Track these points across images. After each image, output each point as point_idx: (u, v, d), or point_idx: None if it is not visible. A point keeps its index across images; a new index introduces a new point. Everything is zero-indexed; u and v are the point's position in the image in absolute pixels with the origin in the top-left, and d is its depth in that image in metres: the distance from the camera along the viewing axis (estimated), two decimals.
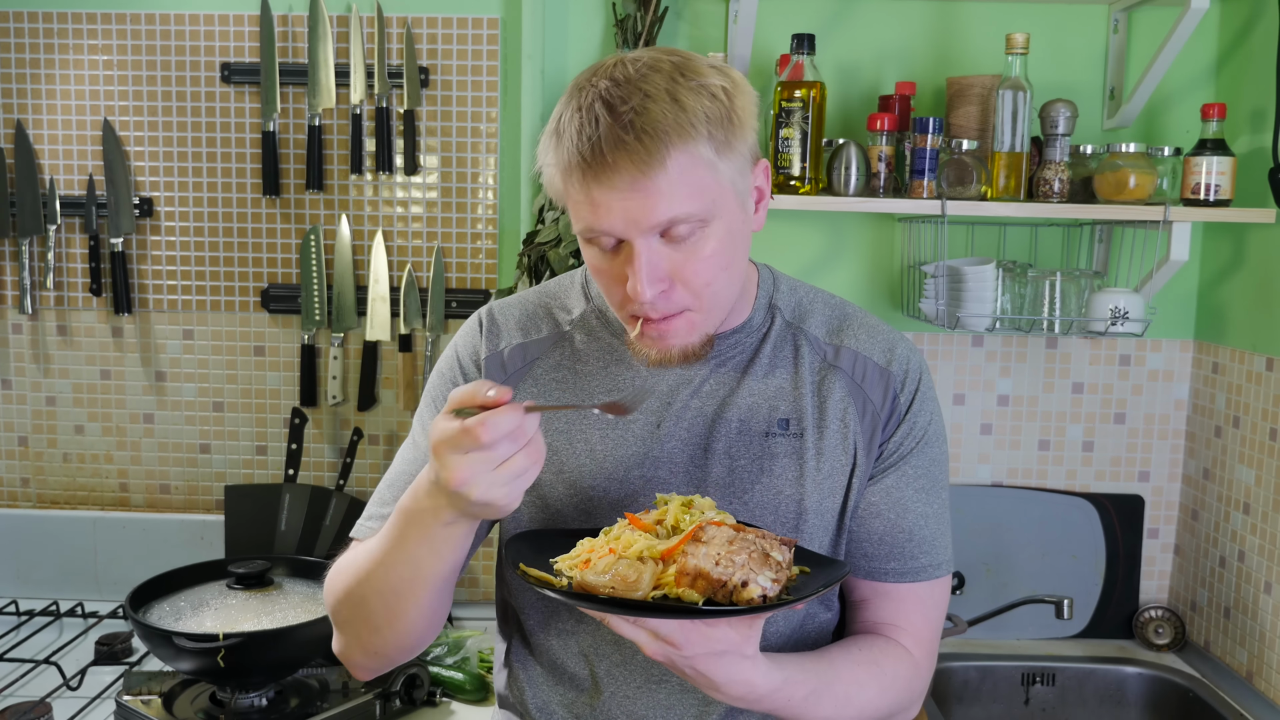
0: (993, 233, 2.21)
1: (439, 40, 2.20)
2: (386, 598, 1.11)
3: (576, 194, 1.06)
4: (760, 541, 1.00)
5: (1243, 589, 2.07)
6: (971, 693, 2.16)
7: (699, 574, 0.96)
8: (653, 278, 1.05)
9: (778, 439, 1.19)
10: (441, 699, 1.86)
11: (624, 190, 1.02)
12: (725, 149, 1.05)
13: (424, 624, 1.15)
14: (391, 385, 2.28)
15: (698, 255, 1.07)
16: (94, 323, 2.28)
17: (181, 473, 2.31)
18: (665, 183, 1.02)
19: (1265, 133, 1.99)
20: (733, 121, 1.06)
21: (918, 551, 1.22)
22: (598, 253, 1.10)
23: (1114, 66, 2.17)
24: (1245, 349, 2.08)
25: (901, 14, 2.17)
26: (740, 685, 1.00)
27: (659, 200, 1.03)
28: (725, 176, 1.06)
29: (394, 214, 2.24)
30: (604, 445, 1.20)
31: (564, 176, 1.06)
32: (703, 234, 1.06)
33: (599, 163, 1.02)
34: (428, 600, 1.12)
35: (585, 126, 1.02)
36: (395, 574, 1.09)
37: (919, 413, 1.23)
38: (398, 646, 1.18)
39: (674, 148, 1.02)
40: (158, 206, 2.25)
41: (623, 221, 1.04)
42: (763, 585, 0.96)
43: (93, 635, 2.07)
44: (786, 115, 1.92)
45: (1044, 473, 2.29)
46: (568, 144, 1.04)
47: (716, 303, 1.12)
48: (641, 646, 0.98)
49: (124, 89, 2.22)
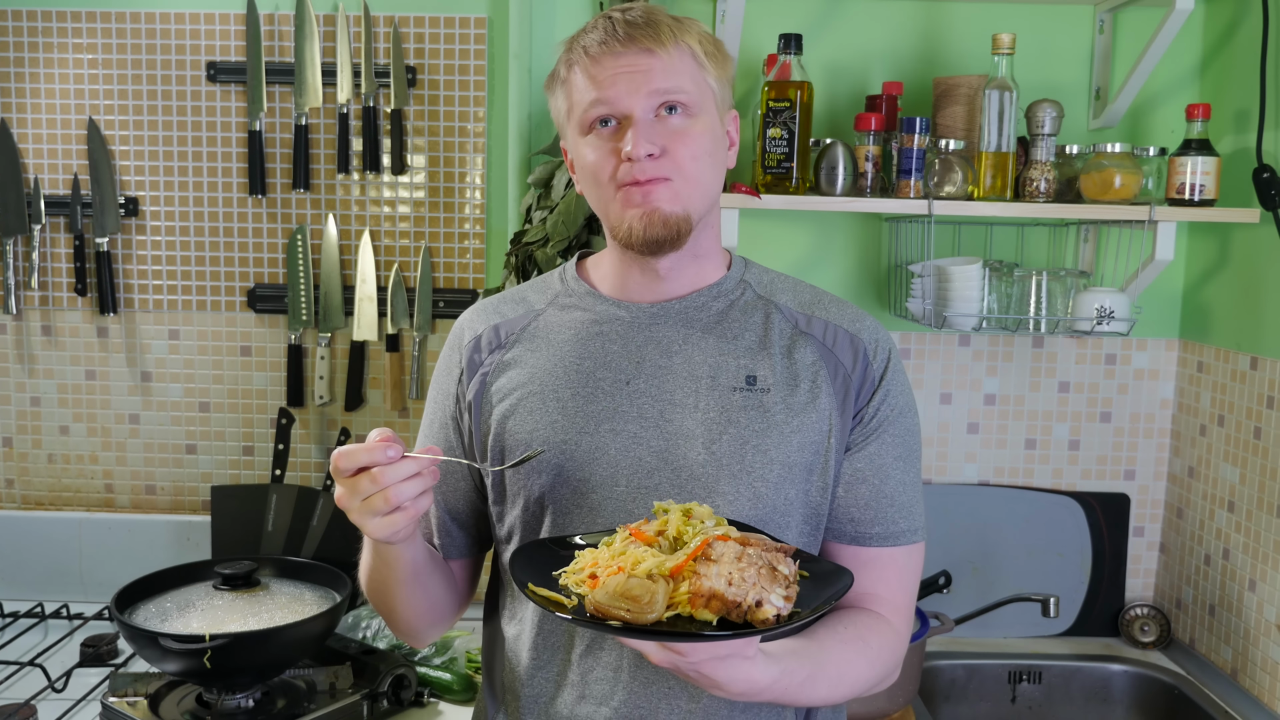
0: (979, 232, 2.21)
1: (426, 40, 2.19)
2: (383, 596, 1.28)
3: (591, 71, 1.20)
4: (766, 555, 1.02)
5: (1227, 586, 2.08)
6: (959, 691, 2.17)
7: (713, 595, 0.98)
8: (647, 137, 1.18)
9: (745, 394, 1.23)
10: (429, 699, 1.86)
11: (635, 56, 1.18)
12: (714, 63, 1.23)
13: (421, 612, 1.30)
14: (379, 385, 2.27)
15: (686, 133, 1.20)
16: (79, 323, 2.27)
17: (167, 473, 2.30)
18: (668, 59, 1.19)
19: (1249, 133, 2.00)
20: (719, 51, 1.24)
21: (898, 516, 1.27)
22: (594, 139, 1.21)
23: (1099, 67, 2.18)
24: (1230, 348, 2.09)
25: (888, 14, 2.17)
26: (742, 683, 1.04)
27: (662, 71, 1.18)
28: (711, 85, 1.23)
29: (381, 213, 2.24)
30: (575, 401, 1.24)
31: (583, 61, 1.20)
32: (691, 120, 1.20)
33: (614, 39, 1.19)
34: (410, 596, 1.26)
35: (602, 25, 1.20)
36: (379, 578, 1.27)
37: (894, 381, 1.28)
38: (412, 630, 1.33)
39: (678, 37, 1.20)
40: (143, 206, 2.24)
41: (627, 89, 1.18)
42: (776, 606, 0.98)
43: (78, 637, 2.06)
44: (774, 115, 1.92)
45: (1030, 471, 2.30)
46: (584, 40, 1.21)
47: (698, 183, 1.22)
48: (648, 655, 1.00)
49: (109, 88, 2.21)
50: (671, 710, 1.22)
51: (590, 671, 1.24)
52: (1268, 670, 1.95)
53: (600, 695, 1.23)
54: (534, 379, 1.27)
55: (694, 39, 1.21)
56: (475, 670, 1.93)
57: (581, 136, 1.22)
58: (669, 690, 1.23)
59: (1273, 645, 1.94)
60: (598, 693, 1.23)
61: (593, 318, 1.29)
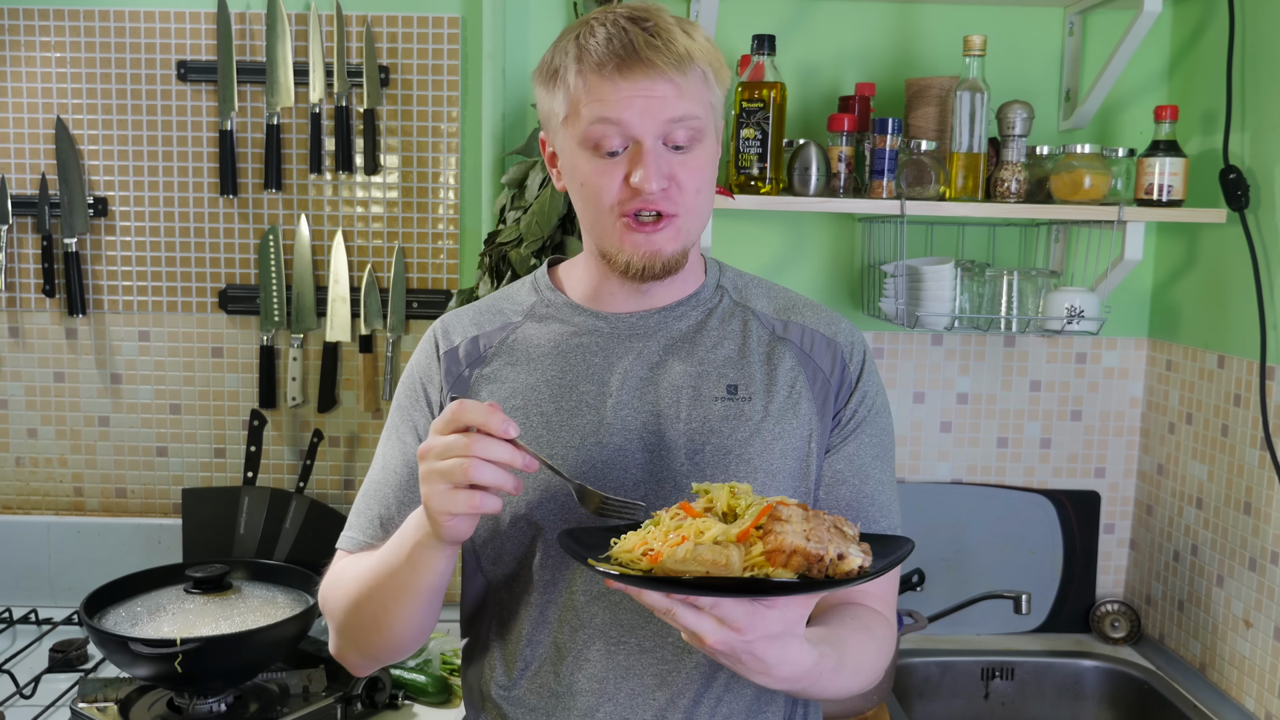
0: (951, 232, 2.23)
1: (399, 39, 2.18)
2: (383, 604, 1.20)
3: (600, 88, 1.14)
4: (829, 517, 1.01)
5: (1196, 582, 2.10)
6: (932, 688, 2.18)
7: (795, 551, 0.96)
8: (660, 172, 1.15)
9: (726, 403, 1.23)
10: (404, 702, 1.85)
11: (653, 80, 1.13)
12: (718, 82, 1.20)
13: (416, 630, 1.22)
14: (352, 386, 2.26)
15: (692, 163, 1.18)
16: (47, 324, 2.25)
17: (138, 476, 2.28)
18: (685, 84, 1.15)
19: (1216, 134, 2.02)
20: (722, 65, 1.21)
21: (879, 515, 1.28)
22: (597, 158, 1.17)
23: (1069, 69, 2.20)
24: (1198, 346, 2.11)
25: (861, 15, 2.19)
26: (790, 665, 1.02)
27: (678, 97, 1.15)
28: (713, 105, 1.21)
29: (354, 214, 2.23)
30: (559, 416, 1.24)
31: (592, 73, 1.15)
32: (697, 146, 1.18)
33: (631, 57, 1.13)
34: (417, 609, 1.19)
35: (615, 35, 1.14)
36: (390, 584, 1.18)
37: (869, 383, 1.29)
38: (390, 650, 1.25)
39: (693, 60, 1.16)
40: (112, 206, 2.22)
41: (641, 112, 1.14)
42: (858, 558, 0.97)
43: (47, 642, 2.04)
44: (747, 116, 1.92)
45: (1002, 470, 2.32)
46: (596, 48, 1.14)
47: (698, 215, 1.21)
48: (704, 636, 0.97)
49: (77, 86, 2.19)
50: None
51: (575, 683, 1.23)
52: (1235, 664, 1.98)
53: (585, 708, 1.23)
54: (515, 394, 1.25)
55: (705, 59, 1.18)
56: (450, 672, 1.93)
57: (580, 149, 1.18)
58: (653, 700, 1.22)
59: (1240, 640, 1.96)
60: (583, 705, 1.23)
61: (572, 330, 1.28)
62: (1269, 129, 1.90)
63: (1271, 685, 1.87)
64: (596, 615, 1.22)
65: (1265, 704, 1.88)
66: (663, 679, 1.22)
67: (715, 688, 1.24)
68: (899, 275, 2.02)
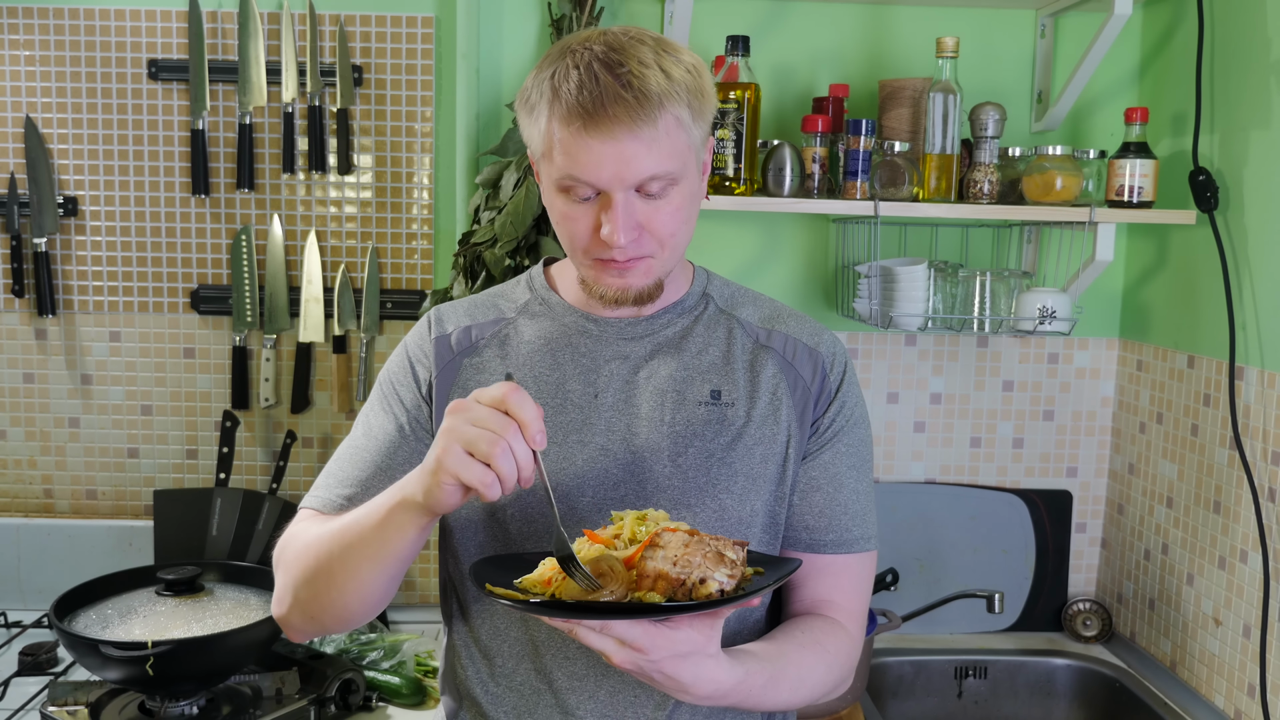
0: (925, 233, 2.24)
1: (372, 39, 2.17)
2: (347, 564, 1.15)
3: (569, 143, 1.13)
4: (714, 543, 1.04)
5: (1166, 581, 2.12)
6: (906, 687, 2.19)
7: (659, 575, 1.00)
8: (628, 226, 1.14)
9: (710, 408, 1.25)
10: (377, 704, 1.84)
11: (621, 140, 1.11)
12: (698, 117, 1.17)
13: (369, 601, 1.18)
14: (325, 387, 2.25)
15: (665, 210, 1.17)
16: (16, 325, 2.22)
17: (109, 478, 2.26)
18: (653, 140, 1.12)
19: (1186, 136, 2.04)
20: (703, 94, 1.18)
21: (851, 524, 1.28)
22: (569, 202, 1.17)
23: (1041, 70, 2.21)
24: (1168, 347, 2.13)
25: (834, 17, 2.19)
26: (707, 684, 1.04)
27: (646, 155, 1.12)
28: (694, 142, 1.18)
29: (327, 214, 2.22)
30: (545, 411, 1.22)
31: (560, 124, 1.13)
32: (672, 191, 1.17)
33: (599, 113, 1.10)
34: (381, 576, 1.15)
35: (586, 82, 1.11)
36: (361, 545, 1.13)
37: (848, 393, 1.30)
38: (338, 617, 1.20)
39: (665, 109, 1.12)
40: (82, 205, 2.20)
41: (610, 172, 1.12)
42: (720, 580, 1.00)
43: (16, 645, 2.02)
44: (721, 117, 1.93)
45: (975, 469, 2.33)
46: (567, 96, 1.12)
47: (673, 250, 1.21)
48: (609, 656, 1.00)
49: (47, 85, 2.17)
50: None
51: (555, 680, 1.24)
52: (1205, 662, 1.99)
53: (566, 705, 1.23)
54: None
55: (683, 98, 1.14)
56: (424, 674, 1.92)
57: (554, 190, 1.18)
58: (635, 699, 1.23)
59: (1210, 638, 1.98)
60: (563, 703, 1.23)
61: (563, 329, 1.29)
62: (1238, 131, 1.92)
63: (1240, 683, 1.89)
64: None
65: (1234, 701, 1.90)
66: None
67: None
68: (873, 276, 2.03)
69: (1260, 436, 1.84)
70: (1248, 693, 1.87)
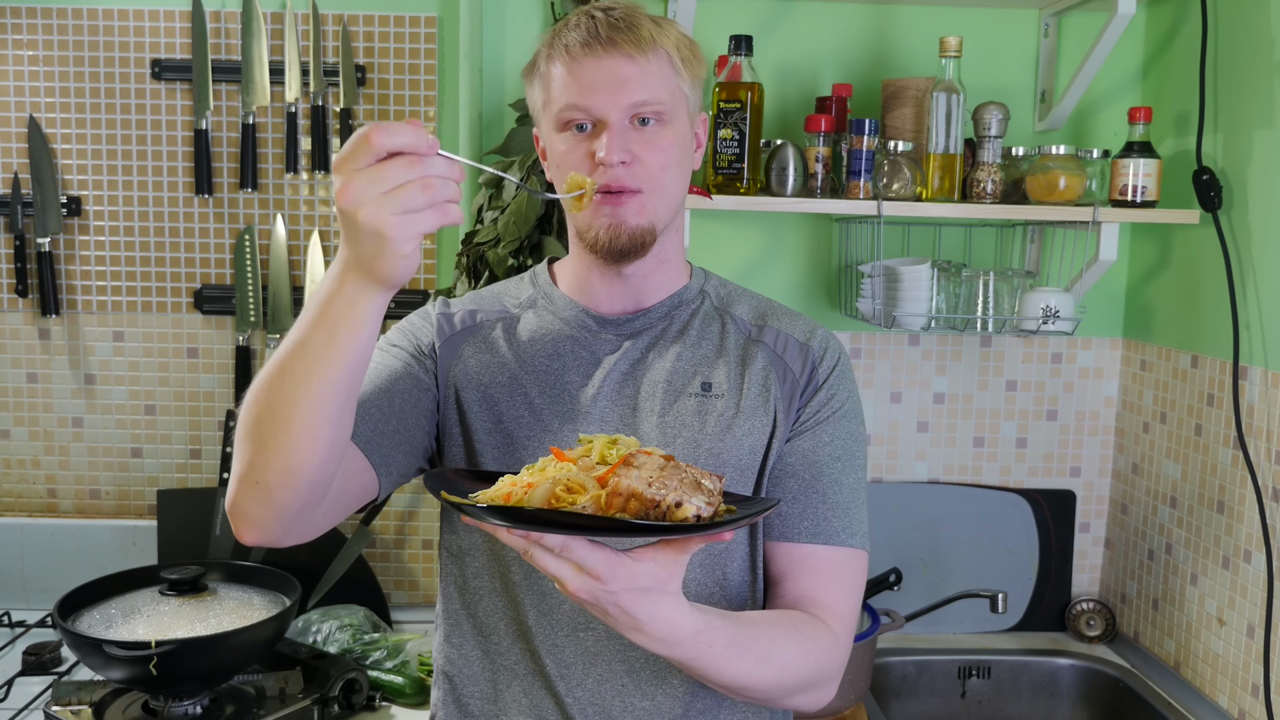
0: (928, 233, 2.24)
1: (375, 38, 2.18)
2: (275, 396, 1.01)
3: (569, 72, 1.21)
4: (691, 471, 0.98)
5: (1170, 581, 2.12)
6: (909, 687, 2.19)
7: (632, 494, 0.93)
8: (621, 146, 1.20)
9: (701, 399, 1.27)
10: (381, 703, 1.84)
11: (617, 63, 1.20)
12: (688, 68, 1.26)
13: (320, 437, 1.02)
14: None
15: (657, 142, 1.23)
16: (19, 325, 2.23)
17: (112, 477, 2.27)
18: (648, 67, 1.21)
19: (1189, 135, 2.04)
20: (695, 56, 1.27)
21: (831, 515, 1.25)
22: (568, 136, 1.23)
23: (1044, 70, 2.21)
24: (1171, 346, 2.13)
25: (838, 16, 2.19)
26: (663, 624, 0.99)
27: (639, 79, 1.20)
28: (686, 89, 1.26)
29: (330, 213, 2.22)
30: (541, 399, 1.27)
31: (561, 60, 1.22)
32: (664, 128, 1.23)
33: (597, 40, 1.20)
34: (318, 404, 1.01)
35: (584, 22, 1.22)
36: (290, 363, 1.01)
37: (837, 386, 1.30)
38: (280, 471, 1.03)
39: (656, 44, 1.22)
40: (86, 205, 2.20)
41: (605, 96, 1.20)
42: (697, 505, 0.94)
43: (20, 645, 2.02)
44: (725, 116, 1.93)
45: (979, 469, 2.33)
46: (566, 36, 1.22)
47: (664, 194, 1.25)
48: (564, 582, 0.95)
49: (50, 85, 2.17)
50: (625, 708, 1.23)
51: (545, 667, 1.25)
52: (1209, 662, 1.99)
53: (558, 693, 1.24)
54: (504, 368, 1.29)
55: (672, 44, 1.24)
56: (427, 674, 1.92)
57: (556, 132, 1.24)
58: (622, 688, 1.24)
59: (1214, 638, 1.98)
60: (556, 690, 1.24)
61: (564, 323, 1.32)
62: (1241, 130, 1.92)
63: (1244, 683, 1.89)
64: (565, 600, 1.24)
65: (1238, 701, 1.90)
66: (631, 666, 1.24)
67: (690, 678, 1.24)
68: (876, 275, 2.03)
69: (1264, 436, 1.84)
70: (1251, 693, 1.87)
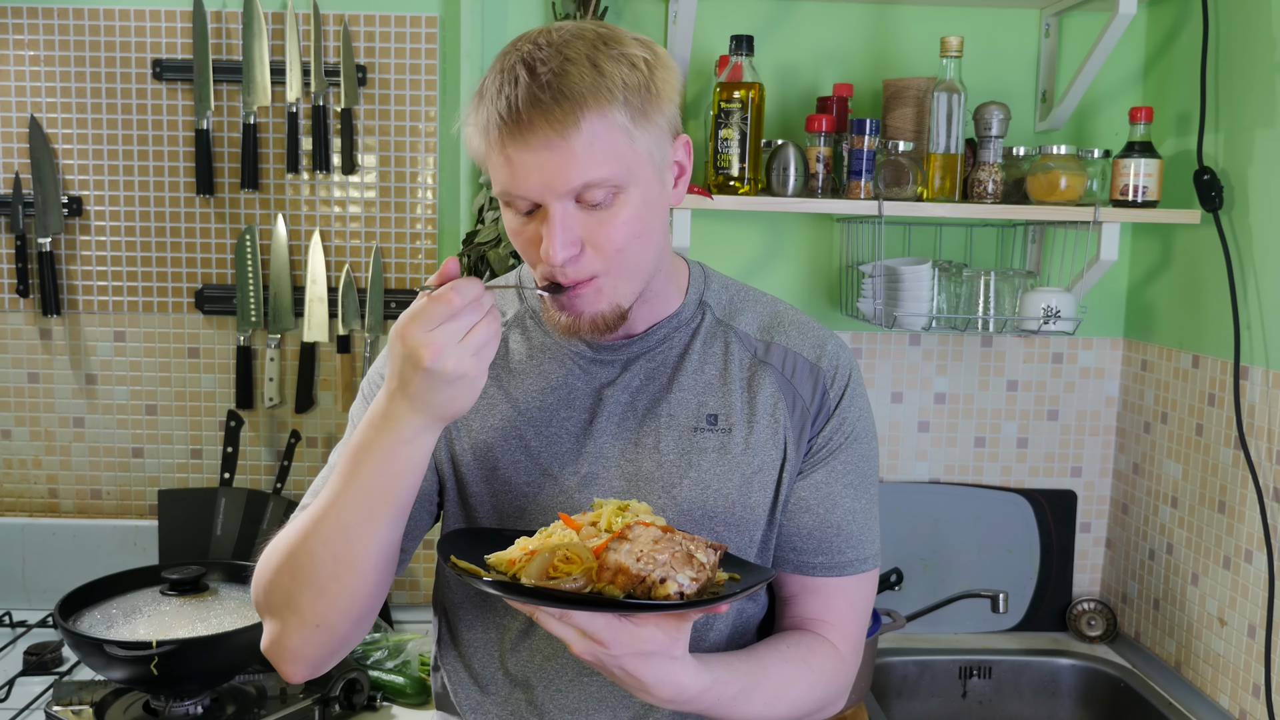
0: (929, 233, 2.24)
1: (376, 38, 2.18)
2: (337, 546, 1.06)
3: (495, 155, 1.07)
4: (686, 543, 1.00)
5: (1171, 580, 2.12)
6: (910, 687, 2.19)
7: (619, 569, 0.96)
8: (565, 241, 1.06)
9: (706, 434, 1.20)
10: (382, 703, 1.85)
11: (539, 150, 1.03)
12: (642, 118, 1.07)
13: (374, 579, 1.09)
14: (330, 387, 2.25)
15: (611, 222, 1.08)
16: (20, 324, 2.23)
17: (113, 477, 2.27)
18: (580, 145, 1.03)
19: (1190, 135, 2.04)
20: (651, 91, 1.07)
21: (845, 547, 1.23)
22: (514, 215, 1.10)
23: (1045, 70, 2.21)
24: (1172, 346, 2.13)
25: (839, 16, 2.19)
26: (670, 687, 1.00)
27: (573, 163, 1.04)
28: (642, 145, 1.08)
29: (331, 214, 2.22)
30: (538, 442, 1.21)
31: (484, 136, 1.07)
32: (618, 201, 1.07)
33: (515, 121, 1.03)
34: (381, 544, 1.07)
35: (505, 86, 1.04)
36: (350, 513, 1.05)
37: (849, 409, 1.24)
38: (345, 611, 1.10)
39: (589, 110, 1.03)
40: (87, 205, 2.20)
41: (538, 184, 1.05)
42: (680, 583, 0.96)
43: (21, 645, 2.02)
44: (725, 116, 1.93)
45: (980, 469, 2.33)
46: (488, 104, 1.06)
47: (628, 271, 1.12)
48: (570, 645, 0.98)
49: (51, 85, 2.17)
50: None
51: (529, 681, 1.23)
52: (1210, 662, 1.99)
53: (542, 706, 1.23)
54: (494, 412, 1.23)
55: (619, 103, 1.04)
56: (428, 673, 1.92)
57: (501, 205, 1.12)
58: (611, 707, 1.22)
59: (1215, 638, 1.98)
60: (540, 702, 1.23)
61: (554, 350, 1.24)
62: (1242, 130, 1.92)
63: (1245, 683, 1.89)
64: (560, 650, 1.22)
65: (1239, 701, 1.90)
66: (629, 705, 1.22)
67: None
68: (877, 275, 2.03)
69: (1265, 436, 1.84)
70: (1252, 693, 1.87)
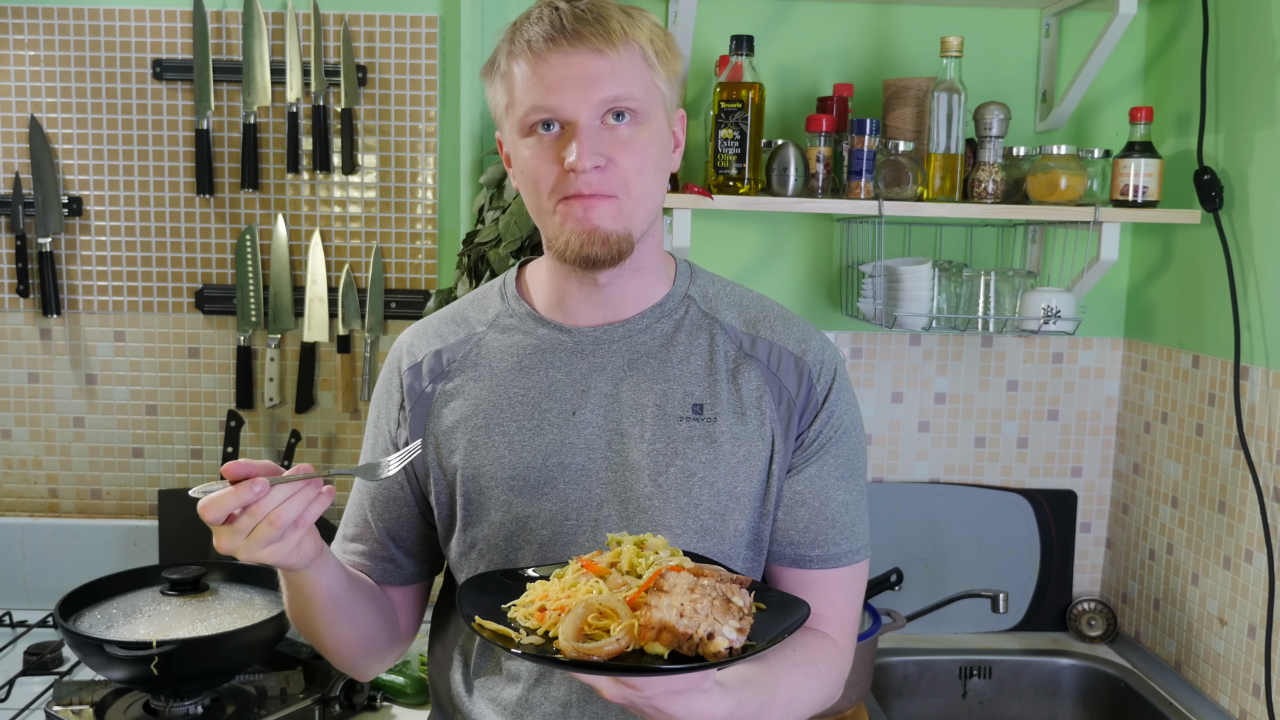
0: (929, 233, 2.24)
1: (376, 38, 2.18)
2: (304, 627, 1.26)
3: (532, 70, 1.12)
4: (720, 586, 0.98)
5: (1171, 580, 2.12)
6: (910, 687, 2.19)
7: (664, 627, 0.95)
8: (593, 150, 1.11)
9: (691, 423, 1.20)
10: (382, 703, 1.84)
11: (585, 55, 1.11)
12: (663, 63, 1.16)
13: (356, 641, 1.26)
14: (330, 387, 2.25)
15: (633, 143, 1.14)
16: (20, 324, 2.23)
17: (114, 477, 2.27)
18: (618, 61, 1.12)
19: (1190, 135, 2.04)
20: (670, 49, 1.18)
21: (839, 538, 1.25)
22: (535, 141, 1.15)
23: (1045, 70, 2.21)
24: (1173, 346, 2.13)
25: (839, 16, 2.19)
26: (699, 717, 1.01)
27: (613, 73, 1.11)
28: (662, 85, 1.17)
29: (332, 214, 2.22)
30: (521, 435, 1.21)
31: (523, 58, 1.13)
32: (639, 128, 1.14)
33: (561, 32, 1.11)
34: (344, 624, 1.23)
35: (546, 13, 1.12)
36: (296, 612, 1.24)
37: (837, 403, 1.25)
38: (347, 661, 1.30)
39: (630, 37, 1.13)
40: (87, 205, 2.20)
41: (573, 97, 1.11)
42: (729, 639, 0.95)
43: (21, 645, 2.02)
44: (726, 116, 1.93)
45: (980, 469, 2.33)
46: (528, 31, 1.13)
47: (641, 199, 1.16)
48: (601, 691, 0.97)
49: (52, 85, 2.17)
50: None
51: (538, 705, 1.22)
52: (1210, 662, 1.99)
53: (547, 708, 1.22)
54: (478, 411, 1.23)
55: (645, 37, 1.14)
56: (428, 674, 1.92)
57: (521, 137, 1.15)
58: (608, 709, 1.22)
59: (1215, 638, 1.98)
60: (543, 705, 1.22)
61: (535, 342, 1.24)
62: (1242, 130, 1.92)
63: (1245, 683, 1.89)
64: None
65: (1239, 701, 1.90)
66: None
67: None
68: (877, 275, 2.03)
69: (1265, 436, 1.84)
70: (1253, 693, 1.87)
